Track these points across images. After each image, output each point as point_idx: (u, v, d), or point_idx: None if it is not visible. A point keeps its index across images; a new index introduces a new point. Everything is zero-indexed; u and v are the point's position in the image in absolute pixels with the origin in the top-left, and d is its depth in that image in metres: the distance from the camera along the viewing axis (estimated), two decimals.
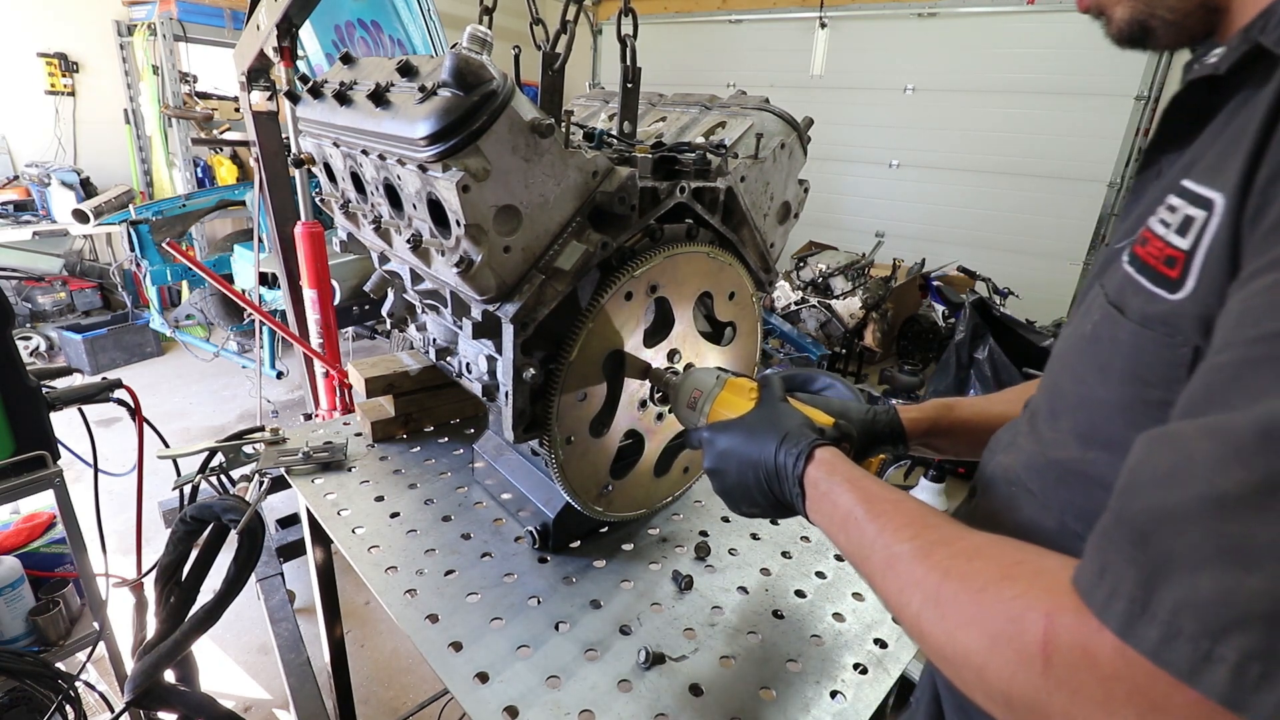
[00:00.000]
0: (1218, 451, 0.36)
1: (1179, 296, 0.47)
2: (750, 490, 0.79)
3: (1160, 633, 0.35)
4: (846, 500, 0.65)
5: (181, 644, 1.36)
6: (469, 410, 1.76)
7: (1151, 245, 0.51)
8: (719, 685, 1.00)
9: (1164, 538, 0.37)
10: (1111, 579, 0.39)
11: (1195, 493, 0.36)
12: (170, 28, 5.03)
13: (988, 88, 5.89)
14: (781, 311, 5.34)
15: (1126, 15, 0.60)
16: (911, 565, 0.54)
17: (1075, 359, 0.60)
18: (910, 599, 0.53)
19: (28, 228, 4.70)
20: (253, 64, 2.24)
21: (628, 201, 0.99)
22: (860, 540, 0.62)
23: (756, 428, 0.80)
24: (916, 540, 0.56)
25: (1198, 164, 0.51)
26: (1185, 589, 0.35)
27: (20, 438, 1.57)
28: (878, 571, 0.59)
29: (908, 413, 0.95)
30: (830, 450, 0.73)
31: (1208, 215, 0.46)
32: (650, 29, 7.43)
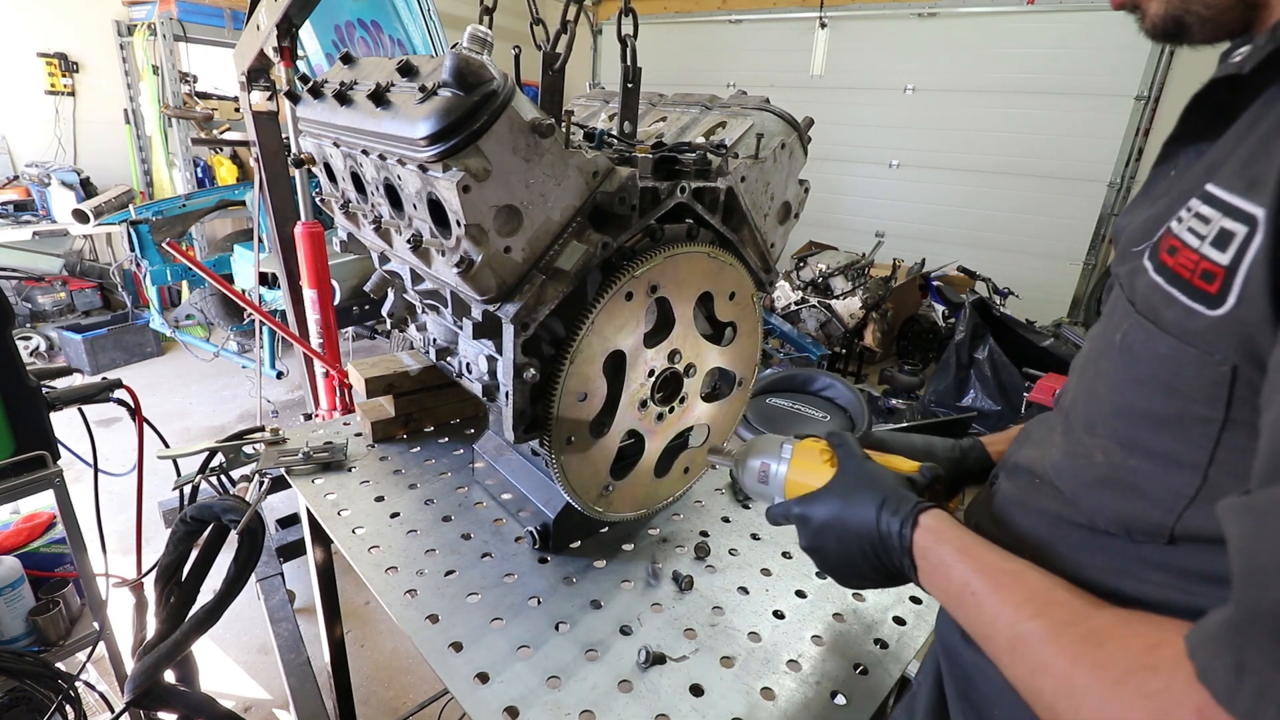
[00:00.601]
0: None
1: (1219, 313, 0.46)
2: (856, 563, 0.73)
3: None
4: (961, 571, 0.62)
5: (181, 644, 1.36)
6: (469, 410, 1.76)
7: (1183, 256, 0.49)
8: (719, 685, 1.00)
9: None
10: (1256, 680, 0.36)
11: None
12: (170, 28, 5.03)
13: (988, 88, 5.90)
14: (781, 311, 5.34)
15: (1162, 11, 0.58)
16: (1041, 648, 0.52)
17: (1109, 367, 0.58)
18: (1042, 686, 0.51)
19: (28, 228, 4.70)
20: (253, 64, 2.24)
21: (628, 201, 0.99)
22: (979, 616, 0.59)
23: (850, 496, 0.74)
24: (1042, 618, 0.53)
25: (1222, 167, 0.49)
26: None
27: (20, 438, 1.57)
28: (1004, 652, 0.56)
29: (994, 445, 0.91)
30: (935, 515, 0.68)
31: (1249, 231, 0.44)
32: (650, 29, 7.44)
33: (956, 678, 0.74)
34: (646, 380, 1.15)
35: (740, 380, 1.32)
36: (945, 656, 0.77)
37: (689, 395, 1.23)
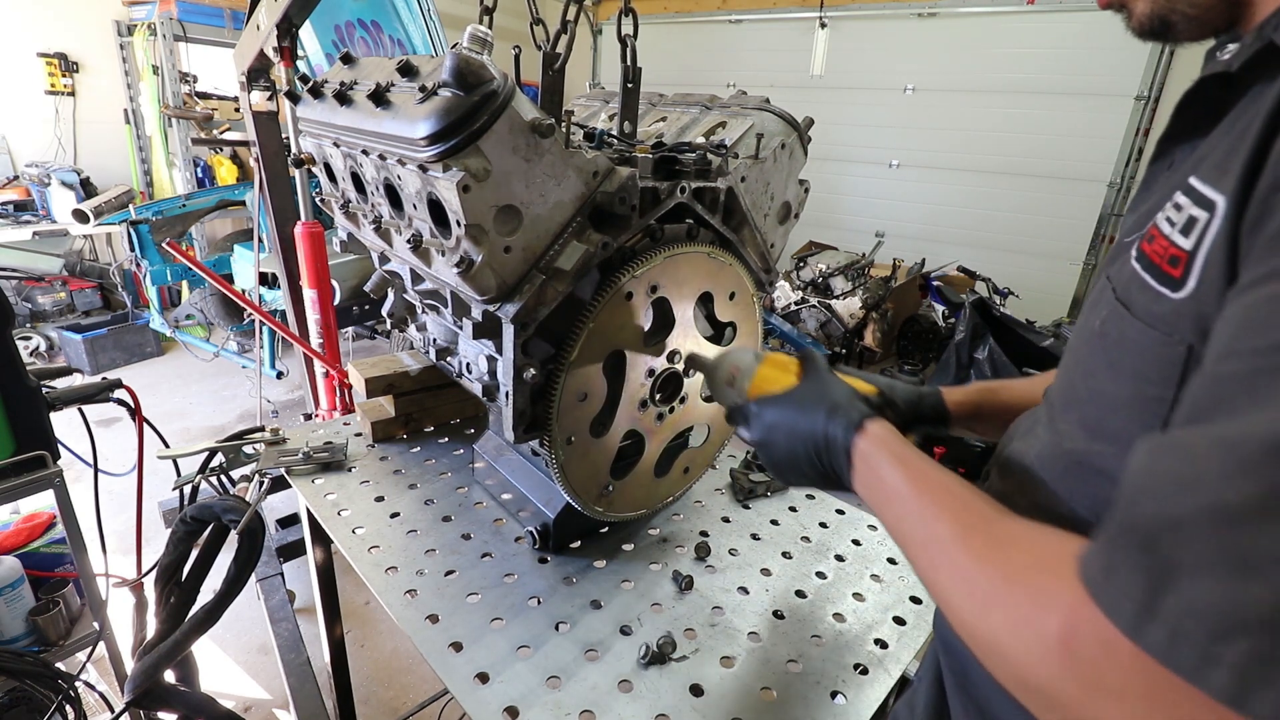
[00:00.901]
0: (1225, 463, 0.37)
1: (1180, 296, 0.48)
2: (799, 461, 0.78)
3: (1166, 635, 0.37)
4: (893, 475, 0.66)
5: (181, 644, 1.36)
6: (469, 410, 1.76)
7: (1158, 243, 0.51)
8: (719, 685, 1.00)
9: (1170, 545, 0.38)
10: (1120, 581, 0.40)
11: (1203, 503, 0.37)
12: (170, 28, 5.03)
13: (988, 88, 5.90)
14: (781, 311, 5.34)
15: (1147, 10, 0.60)
16: (949, 546, 0.56)
17: (1086, 353, 0.61)
18: (942, 575, 0.55)
19: (28, 228, 4.70)
20: (253, 64, 2.24)
21: (628, 201, 0.99)
22: (902, 515, 0.63)
23: (805, 400, 0.80)
24: (957, 522, 0.57)
25: (1205, 161, 0.51)
26: (1191, 596, 0.36)
27: (20, 438, 1.57)
28: (917, 547, 0.60)
29: (952, 395, 0.95)
30: (881, 424, 0.72)
31: (1210, 217, 0.46)
32: (650, 29, 7.44)
33: (955, 672, 0.75)
34: (646, 380, 1.15)
35: None
36: (944, 651, 0.78)
37: (689, 395, 1.23)
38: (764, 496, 1.51)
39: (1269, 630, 0.33)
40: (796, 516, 1.46)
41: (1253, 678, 0.33)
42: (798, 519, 1.45)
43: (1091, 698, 0.41)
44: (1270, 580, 0.34)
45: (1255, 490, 0.35)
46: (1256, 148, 0.44)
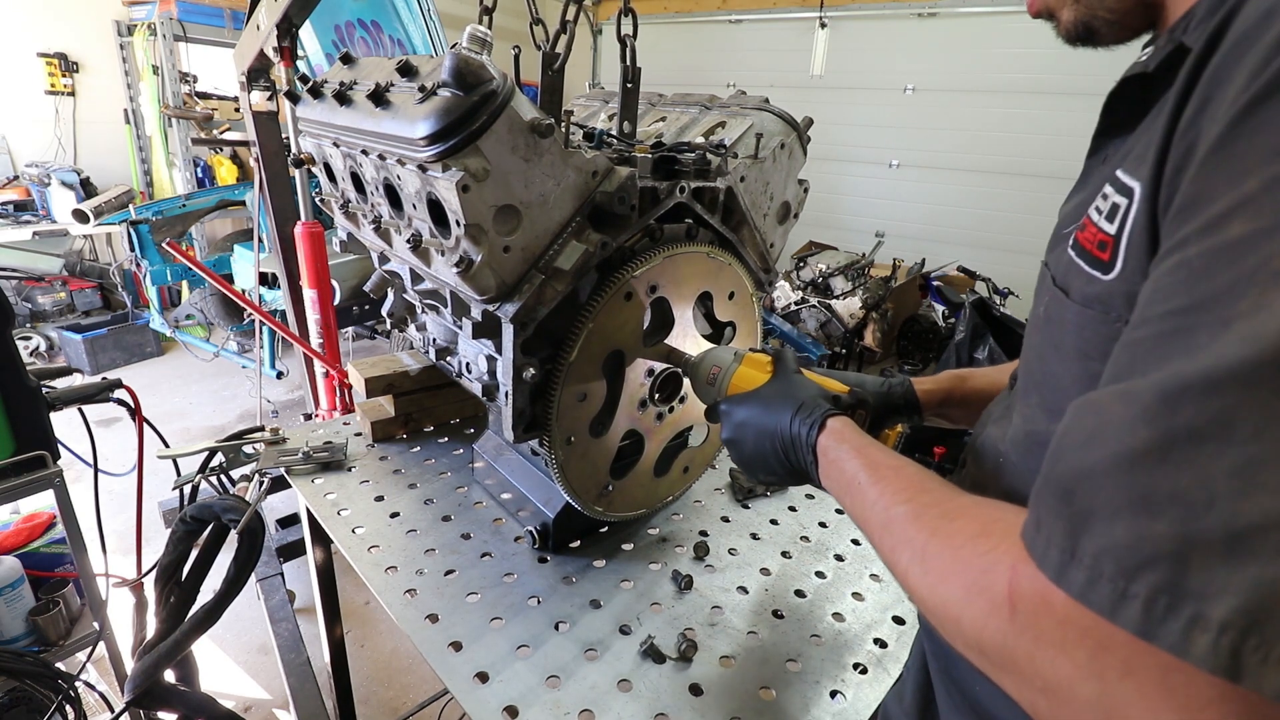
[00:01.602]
0: (1127, 413, 0.40)
1: (1110, 277, 0.52)
2: (767, 458, 0.82)
3: (1085, 576, 0.39)
4: (853, 466, 0.70)
5: (181, 644, 1.36)
6: (469, 410, 1.76)
7: (1089, 231, 0.55)
8: (719, 685, 1.00)
9: (1084, 493, 0.41)
10: (1045, 531, 0.43)
11: (1109, 451, 0.40)
12: (170, 28, 5.03)
13: (988, 88, 5.90)
14: (781, 311, 5.34)
15: (1072, 17, 0.64)
16: (904, 525, 0.59)
17: (1037, 339, 0.64)
18: (901, 556, 0.58)
19: (28, 228, 4.70)
20: (253, 64, 2.24)
21: (627, 201, 0.99)
22: (863, 503, 0.66)
23: (773, 399, 0.84)
24: (911, 503, 0.60)
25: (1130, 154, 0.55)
26: (1103, 537, 0.39)
27: (20, 438, 1.57)
28: (876, 531, 0.63)
29: (922, 384, 0.99)
30: (841, 420, 0.77)
31: (1129, 203, 0.50)
32: (650, 29, 7.44)
33: (938, 656, 0.76)
34: (646, 380, 1.15)
35: None
36: (927, 637, 0.80)
37: (688, 395, 1.23)
38: (764, 496, 1.51)
39: (1171, 562, 0.35)
40: (796, 516, 1.46)
41: (1159, 608, 0.35)
42: (797, 519, 1.45)
43: (1039, 651, 0.43)
44: (1170, 516, 0.36)
45: (1152, 435, 0.38)
46: (1164, 137, 0.47)
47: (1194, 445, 0.36)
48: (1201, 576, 0.34)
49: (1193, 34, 0.49)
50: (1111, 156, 0.62)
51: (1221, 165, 0.40)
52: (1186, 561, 0.35)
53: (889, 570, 0.61)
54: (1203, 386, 0.36)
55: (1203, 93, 0.43)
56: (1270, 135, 0.37)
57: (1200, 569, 0.34)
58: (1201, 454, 0.36)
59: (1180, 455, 0.36)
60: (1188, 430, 0.36)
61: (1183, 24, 0.52)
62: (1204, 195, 0.41)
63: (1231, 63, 0.42)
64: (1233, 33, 0.43)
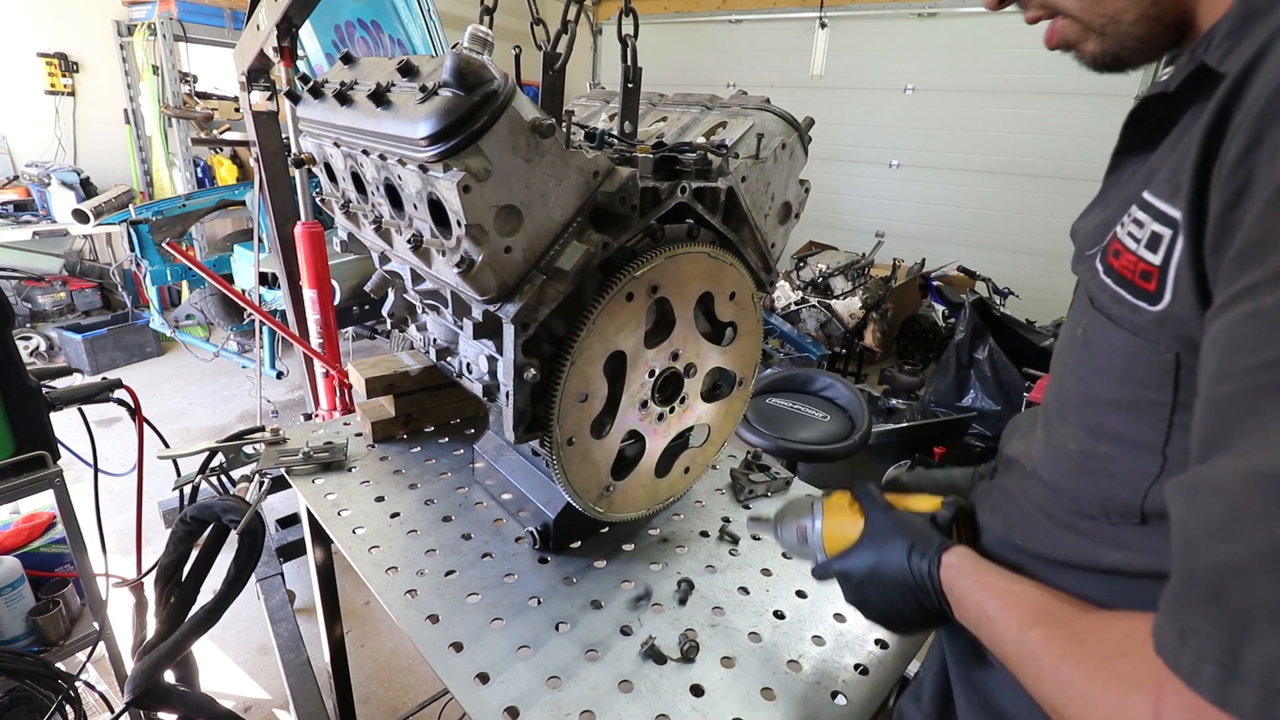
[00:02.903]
0: (1266, 499, 0.36)
1: (1158, 309, 0.51)
2: (900, 609, 0.76)
3: (1257, 696, 0.35)
4: (977, 599, 0.67)
5: (181, 644, 1.36)
6: (469, 410, 1.76)
7: (1125, 258, 0.54)
8: (719, 685, 1.00)
9: (1236, 594, 0.36)
10: (1195, 642, 0.38)
11: (1259, 544, 0.36)
12: (170, 28, 5.03)
13: (988, 88, 5.90)
14: (781, 311, 5.34)
15: (1098, 49, 0.62)
16: (1040, 654, 0.56)
17: (1074, 360, 0.63)
18: (1045, 687, 0.54)
19: (28, 228, 4.70)
20: (253, 64, 2.24)
21: (629, 201, 0.99)
22: (996, 636, 0.63)
23: (882, 547, 0.78)
24: (1039, 627, 0.57)
25: (1156, 175, 0.54)
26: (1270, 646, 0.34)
27: (20, 438, 1.57)
28: (1017, 664, 0.60)
29: None
30: (955, 553, 0.72)
31: (1173, 234, 0.49)
32: (650, 29, 7.43)
33: (959, 661, 0.76)
34: (647, 380, 1.15)
35: (740, 380, 1.32)
36: (948, 641, 0.79)
37: (689, 395, 1.23)
38: (764, 496, 1.51)
39: None
40: None
41: None
42: None
43: None
44: None
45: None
46: (1199, 167, 0.46)
47: None
48: None
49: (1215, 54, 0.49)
50: (1132, 175, 0.62)
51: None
52: None
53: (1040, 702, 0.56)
54: None
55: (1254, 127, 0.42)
56: None
57: None
58: None
59: None
60: None
61: (1204, 43, 0.51)
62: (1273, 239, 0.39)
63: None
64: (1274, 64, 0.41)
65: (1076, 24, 0.62)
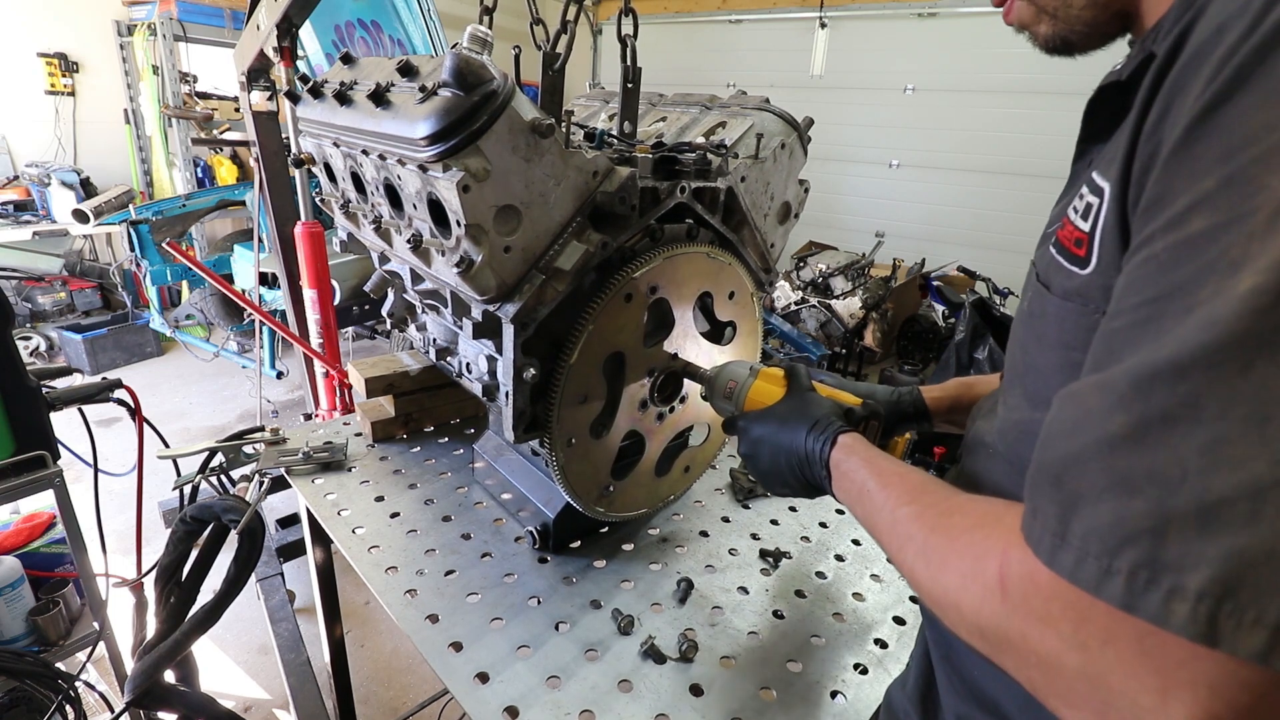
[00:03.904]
0: (1105, 401, 0.43)
1: (1086, 272, 0.56)
2: (783, 473, 0.86)
3: (1074, 557, 0.42)
4: (861, 475, 0.74)
5: (181, 644, 1.36)
6: (469, 410, 1.76)
7: (1066, 229, 0.59)
8: (719, 685, 1.00)
9: (1071, 479, 0.44)
10: (1040, 518, 0.46)
11: (1091, 438, 0.43)
12: (170, 28, 5.03)
13: (988, 88, 5.89)
14: (781, 311, 5.34)
15: (1049, 32, 0.69)
16: (908, 525, 0.63)
17: (1021, 332, 0.68)
18: (906, 553, 0.62)
19: (28, 228, 4.70)
20: (253, 64, 2.24)
21: (628, 201, 0.99)
22: (871, 508, 0.71)
23: (787, 417, 0.87)
24: (914, 504, 0.64)
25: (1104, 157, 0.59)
26: (1089, 518, 0.42)
27: (20, 438, 1.57)
28: (884, 533, 0.67)
29: (930, 392, 1.04)
30: (851, 435, 0.81)
31: (1100, 201, 0.54)
32: (650, 29, 7.43)
33: (939, 644, 0.78)
34: (646, 381, 1.15)
35: None
36: (930, 626, 0.82)
37: (689, 395, 1.23)
38: (764, 496, 1.51)
39: (1150, 538, 0.38)
40: (796, 516, 1.46)
41: (1139, 582, 0.38)
42: (798, 519, 1.45)
43: (1030, 628, 0.46)
44: (1147, 495, 0.39)
45: (1128, 419, 0.41)
46: (1130, 140, 0.50)
47: (1166, 427, 0.39)
48: (1178, 550, 0.37)
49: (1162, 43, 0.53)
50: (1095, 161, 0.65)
51: (1182, 166, 0.43)
52: (1164, 536, 0.38)
53: (897, 568, 0.64)
54: (1170, 371, 0.39)
55: (1165, 99, 0.47)
56: (1223, 137, 0.40)
57: (1177, 543, 0.37)
58: (1173, 435, 0.38)
59: (1154, 437, 0.39)
60: (1159, 413, 0.39)
61: (1153, 34, 0.56)
62: (1167, 194, 0.44)
63: (1189, 72, 0.45)
64: (1190, 44, 0.46)
65: (1032, 6, 0.69)
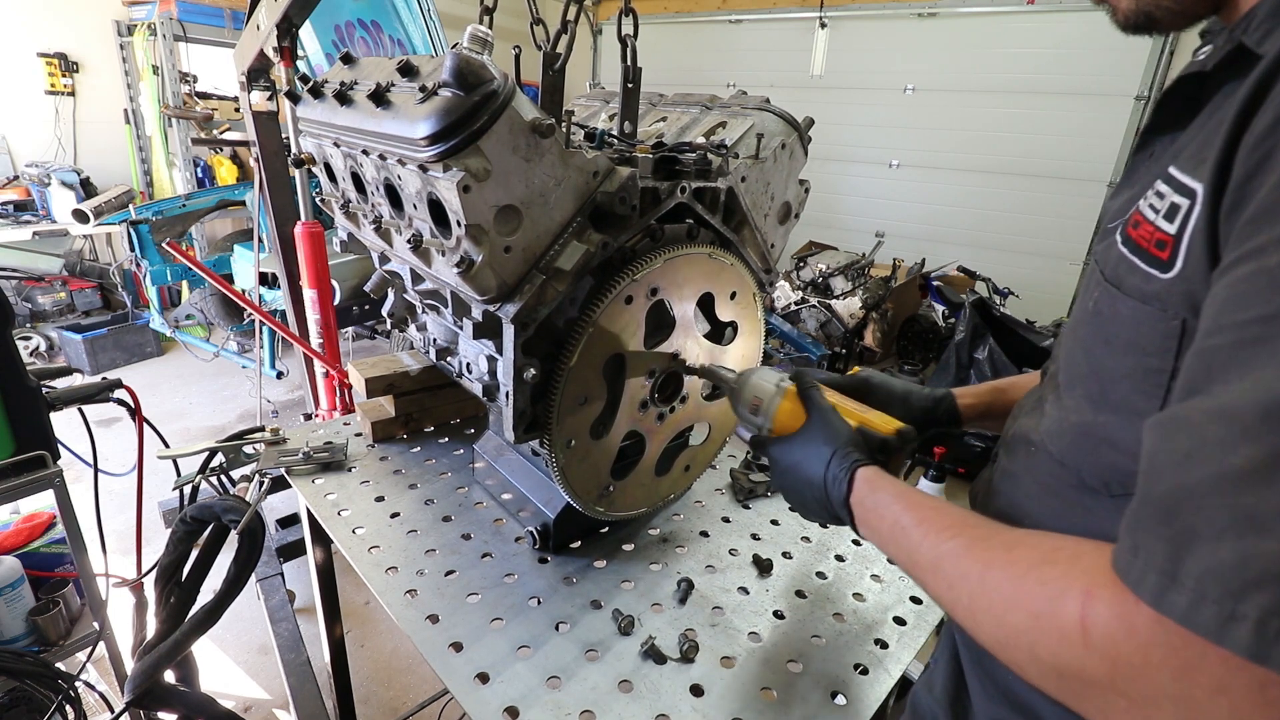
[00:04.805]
0: (1226, 432, 0.39)
1: (1169, 276, 0.52)
2: (811, 505, 0.84)
3: (1188, 599, 0.39)
4: (892, 511, 0.69)
5: (181, 644, 1.36)
6: (469, 410, 1.76)
7: (1143, 229, 0.55)
8: (719, 685, 1.00)
9: (1186, 514, 0.40)
10: (1144, 556, 0.42)
11: (1211, 471, 0.39)
12: (170, 28, 5.03)
13: (988, 88, 5.89)
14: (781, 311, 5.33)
15: (1132, 6, 0.63)
16: (957, 562, 0.58)
17: (1084, 332, 0.65)
18: (960, 593, 0.56)
19: (28, 228, 4.70)
20: (253, 64, 2.24)
21: (628, 201, 0.99)
22: (908, 546, 0.65)
23: (808, 448, 0.84)
24: (959, 538, 0.59)
25: (1184, 152, 0.55)
26: (1207, 558, 0.38)
27: (20, 438, 1.57)
28: (927, 572, 0.62)
29: (963, 398, 1.02)
30: (871, 470, 0.76)
31: (1191, 204, 0.50)
32: (650, 29, 7.43)
33: (971, 648, 0.77)
34: (647, 381, 1.15)
35: None
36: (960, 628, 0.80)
37: (689, 395, 1.23)
38: (764, 496, 1.51)
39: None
40: (796, 516, 1.46)
41: (1271, 629, 0.35)
42: (797, 519, 1.45)
43: (1119, 674, 0.42)
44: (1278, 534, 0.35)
45: (1255, 453, 0.37)
46: (1228, 141, 0.47)
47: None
48: None
49: (1254, 35, 0.50)
50: (1160, 154, 0.63)
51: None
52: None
53: (946, 610, 0.59)
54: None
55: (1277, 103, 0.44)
56: None
57: None
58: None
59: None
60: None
61: (1243, 24, 0.52)
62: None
63: None
64: None
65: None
